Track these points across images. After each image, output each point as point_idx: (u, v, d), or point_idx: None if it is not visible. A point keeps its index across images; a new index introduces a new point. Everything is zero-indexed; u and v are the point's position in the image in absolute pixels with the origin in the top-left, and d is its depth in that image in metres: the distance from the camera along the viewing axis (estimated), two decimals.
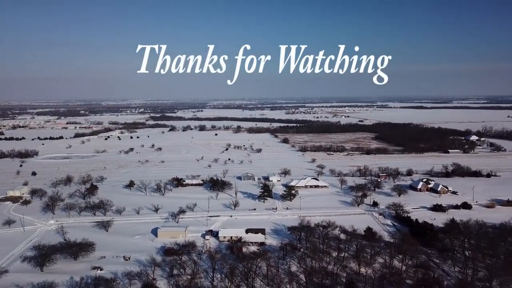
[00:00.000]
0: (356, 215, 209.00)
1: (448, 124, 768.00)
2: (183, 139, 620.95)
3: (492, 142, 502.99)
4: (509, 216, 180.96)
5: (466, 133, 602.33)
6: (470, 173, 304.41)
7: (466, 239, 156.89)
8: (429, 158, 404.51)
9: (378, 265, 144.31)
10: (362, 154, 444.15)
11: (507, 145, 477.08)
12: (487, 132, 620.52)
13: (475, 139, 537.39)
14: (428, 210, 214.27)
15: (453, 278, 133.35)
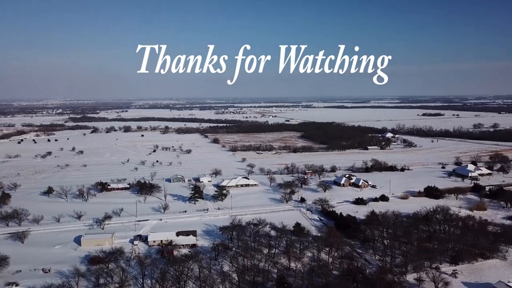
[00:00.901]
0: (285, 212, 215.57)
1: (366, 123, 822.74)
2: (106, 141, 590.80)
3: (405, 138, 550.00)
4: (421, 206, 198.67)
5: (383, 130, 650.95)
6: (387, 167, 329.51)
7: (384, 229, 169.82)
8: (351, 155, 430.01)
9: (307, 259, 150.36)
10: (289, 152, 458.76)
11: (417, 141, 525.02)
12: (400, 129, 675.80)
13: (391, 136, 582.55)
14: (351, 203, 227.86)
15: (374, 266, 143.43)
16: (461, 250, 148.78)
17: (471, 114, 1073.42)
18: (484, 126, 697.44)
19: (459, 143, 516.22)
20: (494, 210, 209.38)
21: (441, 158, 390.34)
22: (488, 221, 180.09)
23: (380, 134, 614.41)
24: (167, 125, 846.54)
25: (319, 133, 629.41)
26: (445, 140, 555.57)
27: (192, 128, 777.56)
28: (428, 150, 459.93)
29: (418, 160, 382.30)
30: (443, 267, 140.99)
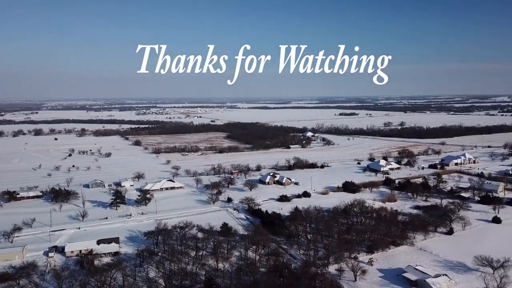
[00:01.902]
0: (213, 213, 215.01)
1: (288, 123, 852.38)
2: (14, 146, 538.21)
3: (324, 137, 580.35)
4: (340, 200, 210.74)
5: (303, 130, 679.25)
6: (308, 165, 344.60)
7: (307, 224, 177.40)
8: (275, 154, 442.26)
9: (234, 258, 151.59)
10: (215, 153, 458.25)
11: (335, 139, 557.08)
12: (320, 129, 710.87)
13: (311, 135, 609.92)
14: (276, 201, 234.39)
15: (299, 260, 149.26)
16: (376, 239, 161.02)
17: (382, 114, 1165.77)
18: (393, 124, 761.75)
19: (372, 141, 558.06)
20: (403, 201, 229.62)
21: (356, 154, 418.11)
22: (398, 211, 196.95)
23: (301, 133, 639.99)
24: (83, 127, 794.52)
25: (244, 133, 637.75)
26: (359, 138, 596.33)
27: (112, 130, 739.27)
28: (345, 148, 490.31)
29: (336, 157, 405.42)
30: (360, 256, 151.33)
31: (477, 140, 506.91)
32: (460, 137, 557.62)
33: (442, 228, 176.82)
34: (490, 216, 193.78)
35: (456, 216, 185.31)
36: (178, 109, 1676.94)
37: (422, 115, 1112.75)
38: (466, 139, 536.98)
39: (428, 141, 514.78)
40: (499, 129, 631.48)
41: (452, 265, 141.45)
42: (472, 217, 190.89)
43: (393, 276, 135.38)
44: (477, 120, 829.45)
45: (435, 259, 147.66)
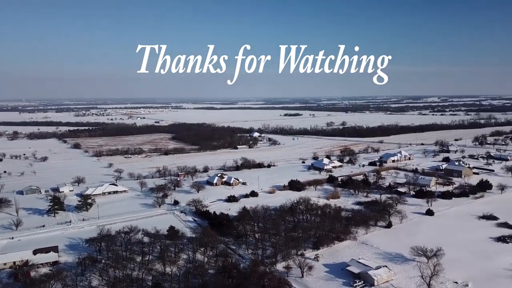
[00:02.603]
0: (159, 216, 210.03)
1: (235, 123, 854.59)
2: None
3: (270, 137, 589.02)
4: (286, 199, 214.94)
5: (250, 130, 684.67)
6: (255, 165, 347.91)
7: (255, 223, 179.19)
8: (222, 154, 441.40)
9: (182, 261, 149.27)
10: (160, 155, 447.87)
11: (281, 139, 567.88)
12: (266, 129, 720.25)
13: (257, 136, 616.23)
14: (224, 201, 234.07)
15: (248, 260, 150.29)
16: (321, 235, 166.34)
17: (324, 114, 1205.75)
18: (335, 124, 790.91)
19: (316, 140, 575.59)
20: (345, 197, 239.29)
21: (301, 154, 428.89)
22: (341, 207, 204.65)
23: (248, 134, 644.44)
24: (16, 130, 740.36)
25: (190, 134, 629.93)
26: (304, 137, 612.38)
27: (48, 133, 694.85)
28: (290, 147, 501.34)
29: (282, 157, 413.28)
30: (307, 253, 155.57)
31: (411, 138, 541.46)
32: (397, 136, 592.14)
33: (382, 222, 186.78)
34: (424, 209, 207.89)
35: (394, 210, 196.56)
36: (120, 110, 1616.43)
37: (362, 115, 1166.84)
38: (402, 137, 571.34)
39: (368, 139, 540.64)
40: (430, 128, 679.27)
41: (391, 257, 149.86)
42: (408, 211, 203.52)
43: (338, 270, 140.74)
44: (411, 119, 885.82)
45: (376, 251, 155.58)
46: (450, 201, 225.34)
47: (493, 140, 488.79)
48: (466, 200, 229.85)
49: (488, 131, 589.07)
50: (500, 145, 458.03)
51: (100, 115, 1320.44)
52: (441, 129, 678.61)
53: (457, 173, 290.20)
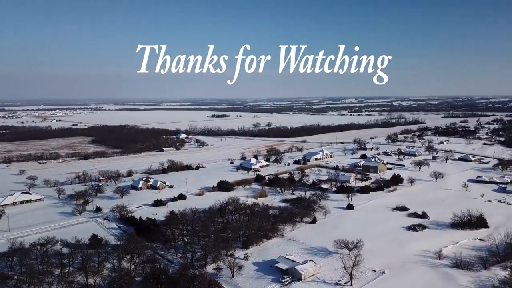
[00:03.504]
0: (80, 225, 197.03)
1: (161, 125, 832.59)
2: None
3: (197, 138, 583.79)
4: (215, 200, 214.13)
5: (177, 132, 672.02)
6: (183, 167, 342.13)
7: (184, 226, 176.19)
8: (147, 157, 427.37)
9: (107, 271, 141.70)
10: (80, 159, 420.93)
11: (209, 141, 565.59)
12: (193, 130, 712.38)
13: (185, 137, 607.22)
14: (151, 206, 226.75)
15: (177, 264, 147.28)
16: (250, 234, 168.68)
17: (251, 115, 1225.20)
18: (261, 125, 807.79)
19: (243, 140, 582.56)
20: (272, 195, 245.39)
21: (229, 154, 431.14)
22: (269, 205, 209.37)
23: (174, 135, 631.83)
24: None
25: (112, 137, 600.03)
26: (231, 138, 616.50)
27: None
28: (218, 148, 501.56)
29: (211, 158, 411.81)
30: (237, 252, 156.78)
31: (332, 137, 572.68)
32: (319, 135, 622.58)
33: (307, 218, 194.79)
34: (345, 203, 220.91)
35: (318, 206, 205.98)
36: (31, 112, 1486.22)
37: (286, 116, 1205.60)
38: (323, 136, 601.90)
39: (292, 139, 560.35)
40: (349, 127, 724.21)
41: (317, 251, 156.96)
42: (331, 206, 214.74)
43: (267, 267, 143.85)
44: (332, 119, 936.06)
45: (303, 247, 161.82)
46: (367, 195, 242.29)
47: (403, 138, 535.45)
48: (381, 193, 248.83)
49: (399, 130, 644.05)
50: (409, 142, 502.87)
51: (9, 118, 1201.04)
52: (358, 128, 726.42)
53: (373, 169, 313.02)
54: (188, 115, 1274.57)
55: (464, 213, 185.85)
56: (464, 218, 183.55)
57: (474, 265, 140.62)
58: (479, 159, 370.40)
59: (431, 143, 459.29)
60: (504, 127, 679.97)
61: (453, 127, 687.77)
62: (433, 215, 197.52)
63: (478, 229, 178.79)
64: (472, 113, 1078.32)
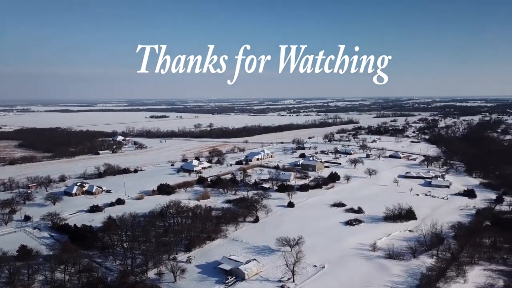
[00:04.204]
0: (5, 236, 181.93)
1: (96, 127, 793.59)
2: None
3: (135, 141, 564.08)
4: (156, 204, 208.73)
5: (113, 134, 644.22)
6: (120, 170, 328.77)
7: (123, 232, 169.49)
8: (81, 161, 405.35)
9: (38, 284, 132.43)
10: (5, 165, 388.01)
11: (147, 143, 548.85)
12: (131, 132, 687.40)
13: (122, 139, 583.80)
14: (86, 212, 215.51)
15: (116, 272, 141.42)
16: (192, 237, 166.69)
17: (192, 116, 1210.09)
18: (203, 126, 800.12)
19: (184, 142, 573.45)
20: (215, 196, 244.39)
21: (170, 156, 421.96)
22: (212, 207, 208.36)
23: (110, 137, 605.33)
24: None
25: (42, 140, 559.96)
26: (172, 140, 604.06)
27: None
28: (158, 150, 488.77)
29: (150, 160, 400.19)
30: (179, 256, 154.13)
31: (272, 138, 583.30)
32: (260, 135, 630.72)
33: (250, 218, 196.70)
34: (286, 201, 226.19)
35: (260, 205, 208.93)
36: None
37: (227, 117, 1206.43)
38: (264, 137, 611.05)
39: (234, 140, 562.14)
40: (288, 128, 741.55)
41: (260, 250, 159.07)
42: (273, 204, 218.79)
43: (210, 269, 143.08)
44: (272, 120, 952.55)
45: (246, 246, 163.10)
46: (307, 193, 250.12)
47: (339, 137, 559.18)
48: (320, 191, 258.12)
49: (335, 129, 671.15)
50: (345, 141, 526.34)
51: None
52: (297, 128, 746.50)
53: (312, 168, 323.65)
54: (125, 116, 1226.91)
55: (395, 207, 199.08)
56: (395, 211, 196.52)
57: (405, 254, 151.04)
58: (407, 156, 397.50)
59: (365, 141, 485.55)
60: (429, 125, 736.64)
61: (384, 126, 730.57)
62: (368, 210, 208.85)
63: (408, 221, 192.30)
64: (400, 113, 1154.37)
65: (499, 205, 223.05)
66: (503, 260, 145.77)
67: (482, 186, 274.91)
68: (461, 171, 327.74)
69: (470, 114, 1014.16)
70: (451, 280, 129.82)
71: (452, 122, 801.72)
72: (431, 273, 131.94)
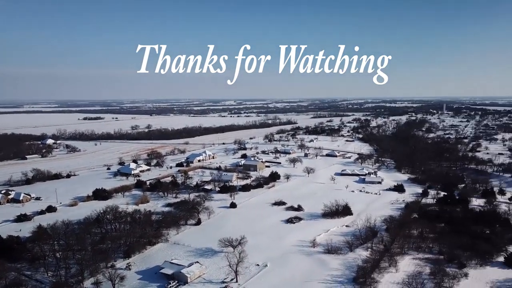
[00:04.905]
0: None
1: (22, 130, 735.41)
2: None
3: (68, 144, 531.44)
4: (91, 210, 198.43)
5: (43, 137, 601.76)
6: (51, 176, 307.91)
7: (55, 241, 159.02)
8: (6, 167, 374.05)
9: None
10: None
11: (81, 146, 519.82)
12: (62, 135, 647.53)
13: (52, 143, 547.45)
14: (13, 222, 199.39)
15: (48, 284, 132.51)
16: (132, 243, 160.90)
17: (128, 117, 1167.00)
18: (140, 127, 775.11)
19: (121, 144, 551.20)
20: (155, 200, 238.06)
21: (105, 160, 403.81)
22: (151, 211, 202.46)
23: (39, 141, 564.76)
24: None
25: None
26: (107, 142, 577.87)
27: None
28: (93, 154, 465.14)
29: (84, 165, 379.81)
30: (118, 263, 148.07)
31: (214, 138, 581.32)
32: (201, 137, 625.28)
33: (192, 220, 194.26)
34: (228, 202, 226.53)
35: (203, 207, 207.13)
36: None
37: (166, 118, 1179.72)
38: (205, 138, 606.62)
39: (174, 141, 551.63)
40: (230, 128, 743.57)
41: (202, 252, 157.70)
42: (215, 206, 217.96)
43: (151, 275, 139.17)
44: (213, 121, 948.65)
45: (188, 249, 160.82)
46: (249, 193, 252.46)
47: (279, 137, 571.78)
48: (261, 190, 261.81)
49: (275, 130, 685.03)
50: (284, 141, 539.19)
51: None
52: (238, 129, 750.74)
53: (253, 168, 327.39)
54: (55, 118, 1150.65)
55: (332, 203, 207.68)
56: (333, 208, 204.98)
57: (342, 249, 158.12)
58: (343, 154, 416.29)
59: (303, 141, 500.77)
60: (362, 125, 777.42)
61: (321, 126, 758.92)
62: (307, 207, 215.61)
63: (345, 217, 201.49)
64: (336, 114, 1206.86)
65: (425, 198, 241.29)
66: (429, 249, 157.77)
67: (410, 181, 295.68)
68: (391, 168, 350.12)
69: (399, 114, 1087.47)
70: (384, 271, 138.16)
71: (383, 122, 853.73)
72: (366, 265, 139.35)
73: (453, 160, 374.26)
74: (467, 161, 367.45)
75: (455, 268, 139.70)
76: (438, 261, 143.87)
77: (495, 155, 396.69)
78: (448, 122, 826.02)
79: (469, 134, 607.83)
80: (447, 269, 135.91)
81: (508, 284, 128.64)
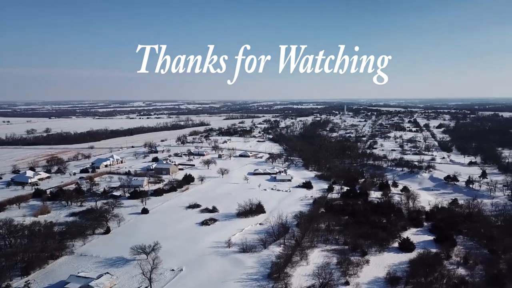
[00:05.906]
0: None
1: None
2: None
3: None
4: None
5: None
6: None
7: None
8: None
9: None
10: None
11: None
12: None
13: None
14: None
15: None
16: (31, 258, 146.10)
17: (23, 120, 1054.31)
18: (38, 132, 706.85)
19: (14, 150, 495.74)
20: (57, 210, 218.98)
21: None
22: (53, 222, 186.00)
23: None
24: None
25: None
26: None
27: None
28: None
29: None
30: (14, 282, 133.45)
31: (122, 142, 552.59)
32: (107, 140, 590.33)
33: (100, 229, 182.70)
34: (140, 208, 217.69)
35: (111, 215, 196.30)
36: None
37: (68, 121, 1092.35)
38: (112, 141, 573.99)
39: (77, 146, 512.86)
40: (139, 131, 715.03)
41: (113, 262, 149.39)
42: (125, 213, 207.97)
43: None
44: (120, 123, 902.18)
45: (97, 260, 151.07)
46: (162, 197, 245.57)
47: (192, 139, 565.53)
48: (175, 194, 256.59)
49: (187, 132, 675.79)
50: (197, 143, 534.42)
51: None
52: (148, 131, 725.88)
53: (166, 171, 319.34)
54: None
55: (246, 202, 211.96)
56: (246, 207, 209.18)
57: (257, 247, 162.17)
58: (255, 154, 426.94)
59: (217, 142, 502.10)
60: (272, 126, 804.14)
61: (234, 127, 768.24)
62: (222, 208, 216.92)
63: (258, 215, 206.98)
64: (247, 115, 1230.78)
65: (330, 193, 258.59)
66: (336, 241, 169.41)
67: (316, 178, 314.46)
68: (299, 166, 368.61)
69: (305, 115, 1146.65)
70: (296, 264, 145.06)
71: (291, 123, 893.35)
72: (279, 261, 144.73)
73: (354, 157, 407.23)
74: (366, 158, 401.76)
75: (359, 256, 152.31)
76: (343, 251, 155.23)
77: (389, 151, 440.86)
78: (349, 122, 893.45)
79: (367, 133, 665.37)
80: (351, 258, 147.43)
81: (403, 266, 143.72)
